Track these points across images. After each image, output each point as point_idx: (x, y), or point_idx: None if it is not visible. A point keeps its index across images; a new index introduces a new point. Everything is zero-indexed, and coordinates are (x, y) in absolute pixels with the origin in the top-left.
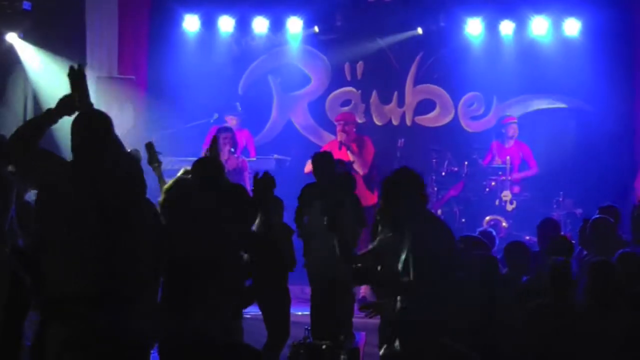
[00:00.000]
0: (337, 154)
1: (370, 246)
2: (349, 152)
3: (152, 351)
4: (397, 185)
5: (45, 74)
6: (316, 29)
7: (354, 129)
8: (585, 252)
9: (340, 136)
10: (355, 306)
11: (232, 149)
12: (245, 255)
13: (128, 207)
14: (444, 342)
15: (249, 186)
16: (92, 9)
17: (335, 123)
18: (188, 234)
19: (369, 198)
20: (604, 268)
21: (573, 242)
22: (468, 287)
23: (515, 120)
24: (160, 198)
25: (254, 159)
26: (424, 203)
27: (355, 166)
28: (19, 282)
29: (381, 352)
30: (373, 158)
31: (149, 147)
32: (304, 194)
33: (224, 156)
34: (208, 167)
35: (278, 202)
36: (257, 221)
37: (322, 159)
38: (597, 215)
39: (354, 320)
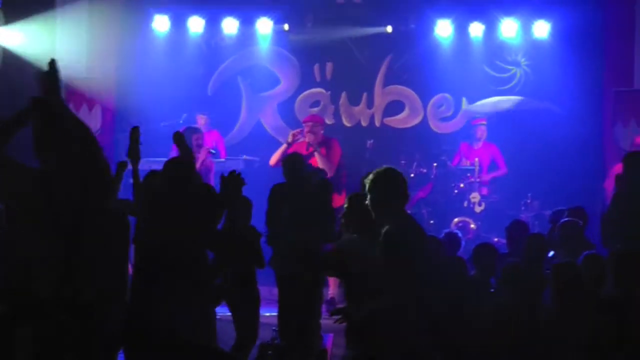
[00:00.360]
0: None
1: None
2: (316, 154)
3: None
4: (382, 184)
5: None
6: (286, 26)
7: (322, 131)
8: (553, 254)
9: (308, 137)
10: (324, 307)
11: (213, 151)
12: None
13: (90, 215)
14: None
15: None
16: (62, 7)
17: (303, 125)
18: (157, 233)
19: (336, 200)
20: (568, 270)
21: None
22: (437, 288)
23: (484, 122)
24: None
25: (224, 160)
26: (404, 203)
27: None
28: None
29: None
30: (340, 160)
31: (133, 135)
32: (273, 193)
33: (201, 156)
34: (179, 167)
35: (246, 203)
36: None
37: (292, 161)
38: (566, 218)
39: (322, 321)
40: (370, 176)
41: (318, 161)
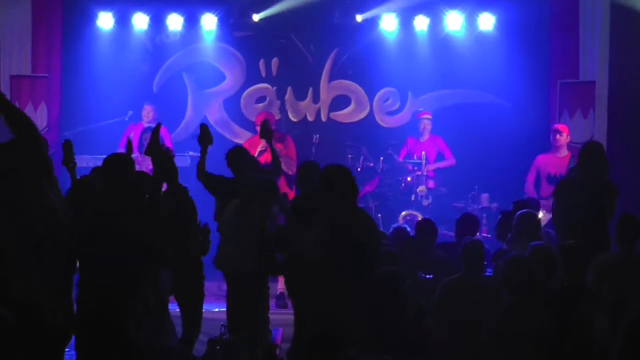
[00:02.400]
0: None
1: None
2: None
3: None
4: (332, 179)
5: None
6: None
7: (274, 128)
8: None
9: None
10: (273, 302)
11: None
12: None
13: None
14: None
15: None
16: (5, 5)
17: (257, 124)
18: (94, 233)
19: (290, 195)
20: (517, 263)
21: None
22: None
23: (429, 117)
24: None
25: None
26: (355, 197)
27: (284, 167)
28: None
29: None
30: (296, 156)
31: (67, 146)
32: (221, 185)
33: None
34: (116, 165)
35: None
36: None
37: (236, 155)
38: (524, 210)
39: (271, 316)
40: (322, 173)
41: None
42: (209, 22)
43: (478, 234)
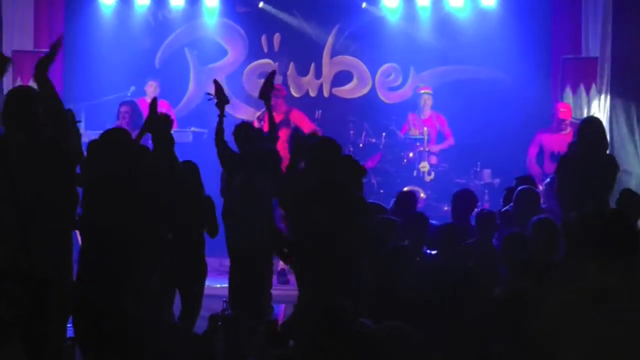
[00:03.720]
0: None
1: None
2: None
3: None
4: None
5: None
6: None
7: (283, 101)
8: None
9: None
10: (275, 278)
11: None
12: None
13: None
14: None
15: None
16: None
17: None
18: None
19: None
20: (517, 240)
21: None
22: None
23: (429, 91)
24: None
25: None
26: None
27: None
28: None
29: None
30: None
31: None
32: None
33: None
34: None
35: (194, 169)
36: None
37: (242, 130)
38: (524, 186)
39: (273, 292)
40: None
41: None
42: None
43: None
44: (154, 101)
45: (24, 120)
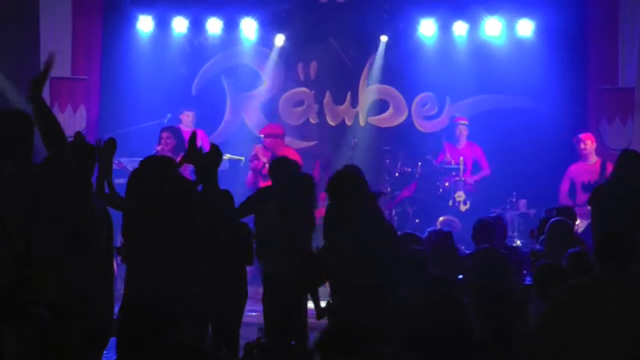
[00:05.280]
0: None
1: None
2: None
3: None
4: (340, 184)
5: None
6: (282, 37)
7: (282, 141)
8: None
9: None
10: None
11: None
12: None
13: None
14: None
15: None
16: (45, 7)
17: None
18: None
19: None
20: (552, 271)
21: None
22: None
23: (465, 122)
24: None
25: None
26: (369, 201)
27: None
28: None
29: None
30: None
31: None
32: (260, 194)
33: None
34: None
35: (230, 197)
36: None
37: (281, 164)
38: (557, 218)
39: (309, 320)
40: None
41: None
42: (248, 26)
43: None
44: (194, 135)
45: (13, 146)
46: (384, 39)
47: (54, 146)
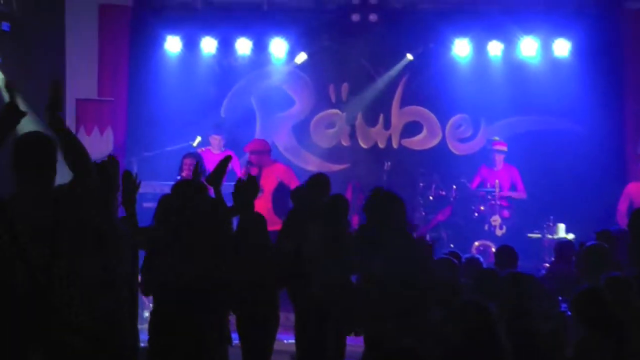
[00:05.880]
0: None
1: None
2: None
3: None
4: (380, 204)
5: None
6: (303, 56)
7: (269, 157)
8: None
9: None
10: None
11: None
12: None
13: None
14: None
15: None
16: (72, 29)
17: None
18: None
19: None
20: (590, 296)
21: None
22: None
23: (504, 149)
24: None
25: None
26: (400, 223)
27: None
28: None
29: None
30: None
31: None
32: (291, 218)
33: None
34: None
35: (262, 220)
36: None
37: (319, 183)
38: (592, 242)
39: (348, 349)
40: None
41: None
42: (278, 46)
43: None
44: (228, 158)
45: (36, 170)
46: (409, 57)
47: (79, 171)
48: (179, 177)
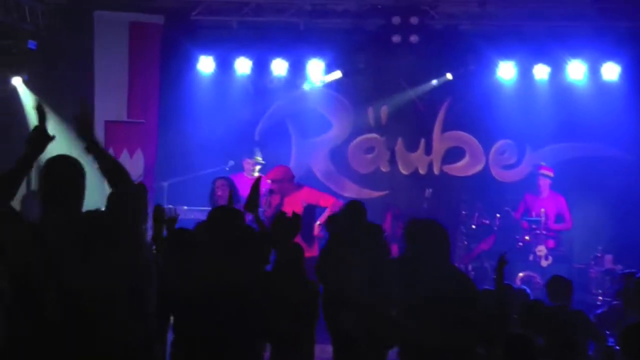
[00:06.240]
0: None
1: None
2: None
3: None
4: (416, 235)
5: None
6: (339, 73)
7: (290, 184)
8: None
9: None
10: None
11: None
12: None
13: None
14: None
15: None
16: (101, 48)
17: (269, 179)
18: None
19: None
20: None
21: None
22: None
23: (550, 174)
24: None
25: None
26: (445, 254)
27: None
28: None
29: None
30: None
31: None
32: (328, 248)
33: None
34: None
35: (299, 249)
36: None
37: (355, 209)
38: None
39: None
40: (408, 228)
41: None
42: (315, 67)
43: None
44: (259, 180)
45: (64, 194)
46: (449, 76)
47: (120, 182)
48: (216, 198)
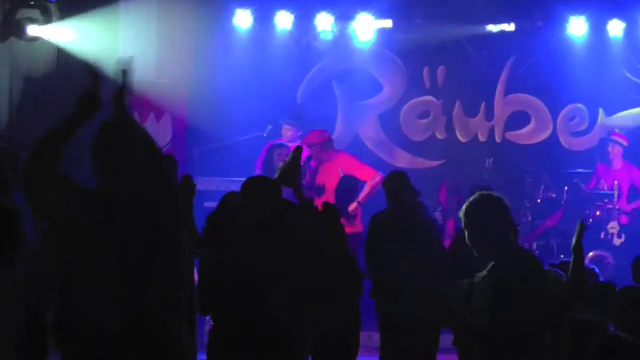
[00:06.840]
0: None
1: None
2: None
3: None
4: (478, 212)
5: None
6: (389, 23)
7: (327, 149)
8: None
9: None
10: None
11: None
12: None
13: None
14: None
15: None
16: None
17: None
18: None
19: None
20: None
21: None
22: None
23: (623, 141)
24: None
25: None
26: (511, 233)
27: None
28: (37, 320)
29: None
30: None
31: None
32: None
33: None
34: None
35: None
36: None
37: (397, 181)
38: None
39: None
40: (465, 205)
41: None
42: (364, 22)
43: None
44: (299, 150)
45: (125, 159)
46: (510, 27)
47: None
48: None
